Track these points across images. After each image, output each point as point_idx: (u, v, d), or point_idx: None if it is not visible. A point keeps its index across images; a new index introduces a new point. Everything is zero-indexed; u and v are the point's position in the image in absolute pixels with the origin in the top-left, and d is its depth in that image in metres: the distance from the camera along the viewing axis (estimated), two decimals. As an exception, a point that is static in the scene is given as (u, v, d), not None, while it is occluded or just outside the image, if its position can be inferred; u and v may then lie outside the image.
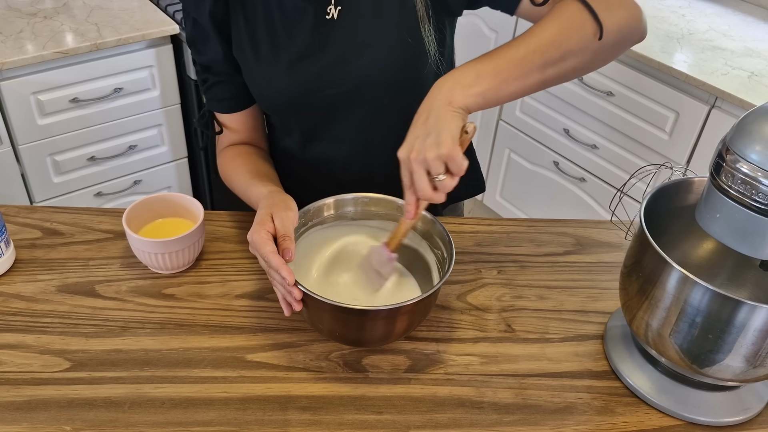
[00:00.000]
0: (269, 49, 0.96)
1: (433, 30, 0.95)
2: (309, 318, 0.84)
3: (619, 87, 1.97)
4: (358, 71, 0.95)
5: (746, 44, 1.96)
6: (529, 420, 0.80)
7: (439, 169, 0.77)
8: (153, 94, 2.09)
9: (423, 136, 0.78)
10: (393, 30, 0.93)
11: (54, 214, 1.06)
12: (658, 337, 0.77)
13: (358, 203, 0.94)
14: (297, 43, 0.95)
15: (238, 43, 0.97)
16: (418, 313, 0.84)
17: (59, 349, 0.85)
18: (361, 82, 0.96)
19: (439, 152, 0.76)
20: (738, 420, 0.81)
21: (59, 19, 1.98)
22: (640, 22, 0.85)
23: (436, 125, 0.78)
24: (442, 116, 0.78)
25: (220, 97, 1.03)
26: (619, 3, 0.83)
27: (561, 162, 2.24)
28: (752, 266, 0.85)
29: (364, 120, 1.01)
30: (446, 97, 0.79)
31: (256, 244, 0.82)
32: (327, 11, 0.93)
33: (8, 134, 1.91)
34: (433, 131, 0.77)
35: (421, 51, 0.95)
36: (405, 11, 0.93)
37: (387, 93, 0.97)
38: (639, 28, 0.85)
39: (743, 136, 0.67)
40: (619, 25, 0.83)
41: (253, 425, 0.78)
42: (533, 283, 0.99)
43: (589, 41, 0.82)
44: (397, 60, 0.95)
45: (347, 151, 1.05)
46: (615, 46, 0.85)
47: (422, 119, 0.79)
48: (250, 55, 0.97)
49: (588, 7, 0.81)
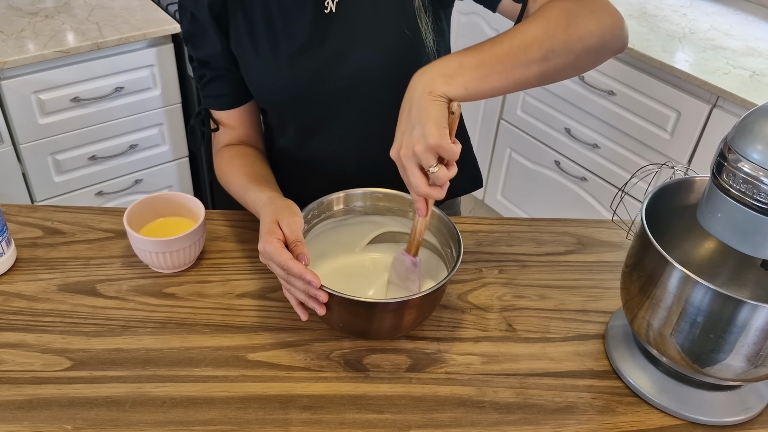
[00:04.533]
0: (268, 43, 0.96)
1: (431, 22, 0.95)
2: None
3: (621, 86, 1.97)
4: (358, 65, 0.95)
5: (748, 43, 1.95)
6: (530, 419, 0.80)
7: (431, 161, 0.76)
8: (154, 93, 2.09)
9: (408, 130, 0.76)
10: (391, 23, 0.94)
11: (55, 214, 1.06)
12: (660, 337, 0.77)
13: (367, 198, 0.95)
14: (296, 37, 0.95)
15: (236, 38, 0.97)
16: (425, 308, 0.84)
17: (60, 348, 0.85)
18: (360, 76, 0.96)
19: (427, 143, 0.74)
20: (739, 420, 0.81)
21: (60, 19, 1.98)
22: (623, 30, 0.86)
23: (419, 117, 0.76)
24: (424, 106, 0.76)
25: (217, 93, 1.03)
26: (604, 9, 0.84)
27: (562, 161, 2.24)
28: (753, 266, 0.85)
29: (362, 116, 1.01)
30: (426, 86, 0.77)
31: (270, 253, 0.81)
32: (325, 5, 0.93)
33: (9, 133, 1.91)
34: (417, 124, 0.76)
35: (419, 44, 0.95)
36: (404, 3, 0.93)
37: (385, 87, 0.97)
38: (621, 36, 0.86)
39: (745, 136, 0.66)
40: (603, 30, 0.83)
41: (254, 424, 0.78)
42: (534, 283, 0.99)
43: (574, 43, 0.82)
44: (396, 53, 0.95)
45: (344, 149, 1.05)
46: (597, 51, 0.85)
47: (405, 113, 0.78)
48: (248, 49, 0.97)
49: (574, 9, 0.82)
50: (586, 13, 0.83)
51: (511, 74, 0.80)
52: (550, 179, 2.31)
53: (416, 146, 0.75)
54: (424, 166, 0.76)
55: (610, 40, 0.85)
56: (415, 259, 0.87)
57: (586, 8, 0.83)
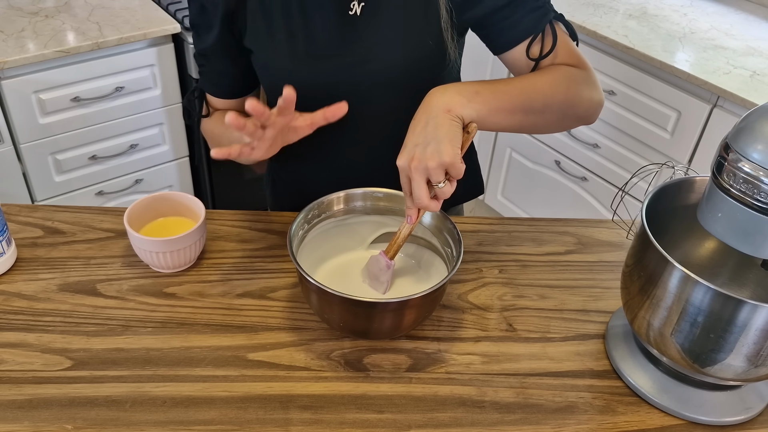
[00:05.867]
0: (286, 40, 0.95)
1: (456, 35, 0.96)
2: (318, 309, 0.85)
3: (621, 86, 1.97)
4: (378, 69, 0.95)
5: (748, 43, 1.95)
6: (531, 419, 0.80)
7: (441, 177, 0.78)
8: (154, 93, 2.09)
9: (422, 144, 0.78)
10: (415, 31, 0.93)
11: (55, 213, 1.06)
12: (660, 337, 0.77)
13: (368, 198, 0.95)
14: (316, 36, 0.94)
15: (253, 32, 0.96)
16: (425, 307, 0.84)
17: (60, 347, 0.85)
18: (379, 80, 0.96)
19: (441, 160, 0.77)
20: (739, 419, 0.81)
21: (60, 18, 1.98)
22: (600, 108, 0.95)
23: (435, 133, 0.78)
24: (441, 124, 0.79)
25: (215, 82, 1.03)
26: (596, 86, 0.94)
27: (562, 161, 2.24)
28: (754, 265, 0.85)
29: (374, 121, 1.00)
30: (446, 104, 0.80)
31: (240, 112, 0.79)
32: (351, 6, 0.92)
33: (10, 133, 1.91)
34: (433, 140, 0.78)
35: (441, 56, 0.95)
36: (428, 14, 0.93)
37: (402, 94, 0.96)
38: (596, 114, 0.95)
39: (745, 136, 0.66)
40: (591, 103, 0.93)
41: (254, 424, 0.78)
42: (534, 283, 0.99)
43: (567, 105, 0.91)
44: (418, 62, 0.95)
45: (352, 155, 1.05)
46: (577, 119, 0.95)
47: (420, 126, 0.80)
48: (266, 45, 0.96)
49: (576, 76, 0.91)
50: (584, 83, 0.92)
51: (513, 116, 0.86)
52: (551, 179, 2.31)
53: (430, 161, 0.77)
54: (432, 180, 0.79)
55: (590, 114, 0.95)
56: (390, 262, 0.88)
57: (585, 80, 0.92)
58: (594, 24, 1.97)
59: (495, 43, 0.96)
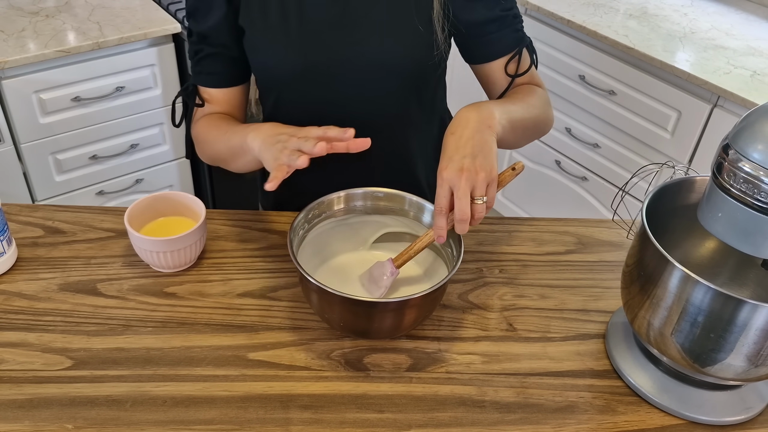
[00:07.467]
0: (279, 18, 0.95)
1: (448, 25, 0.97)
2: (319, 309, 0.85)
3: (621, 86, 1.97)
4: (369, 50, 0.96)
5: (748, 43, 1.95)
6: (531, 419, 0.80)
7: (484, 191, 0.79)
8: (155, 92, 2.09)
9: (470, 155, 0.79)
10: (405, 15, 0.95)
11: (56, 213, 1.06)
12: (660, 336, 0.77)
13: (368, 197, 0.95)
14: (309, 15, 0.95)
15: (246, 11, 0.96)
16: (426, 307, 0.85)
17: (61, 347, 0.85)
18: (371, 62, 0.96)
19: (491, 175, 0.78)
20: (739, 419, 0.81)
21: (61, 18, 1.98)
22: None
23: (482, 146, 0.79)
24: (487, 139, 0.81)
25: (210, 70, 1.02)
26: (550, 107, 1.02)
27: (563, 161, 2.24)
28: (754, 265, 0.85)
29: (366, 105, 1.00)
30: (487, 119, 0.82)
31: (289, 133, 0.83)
32: None
33: (10, 133, 1.91)
34: (480, 153, 0.79)
35: (430, 45, 0.96)
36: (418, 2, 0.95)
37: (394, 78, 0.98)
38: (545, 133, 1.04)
39: (745, 135, 0.66)
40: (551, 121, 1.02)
41: (254, 424, 0.78)
42: (535, 282, 0.99)
43: (542, 125, 1.00)
44: (410, 46, 0.96)
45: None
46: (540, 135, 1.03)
47: (465, 137, 0.80)
48: (258, 23, 0.96)
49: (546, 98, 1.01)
50: (548, 104, 1.01)
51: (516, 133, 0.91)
52: (551, 179, 2.31)
53: (480, 173, 0.78)
54: (476, 193, 0.79)
55: (548, 131, 1.04)
56: (396, 270, 0.88)
57: (548, 100, 1.02)
58: (594, 24, 1.97)
59: (477, 52, 1.02)
